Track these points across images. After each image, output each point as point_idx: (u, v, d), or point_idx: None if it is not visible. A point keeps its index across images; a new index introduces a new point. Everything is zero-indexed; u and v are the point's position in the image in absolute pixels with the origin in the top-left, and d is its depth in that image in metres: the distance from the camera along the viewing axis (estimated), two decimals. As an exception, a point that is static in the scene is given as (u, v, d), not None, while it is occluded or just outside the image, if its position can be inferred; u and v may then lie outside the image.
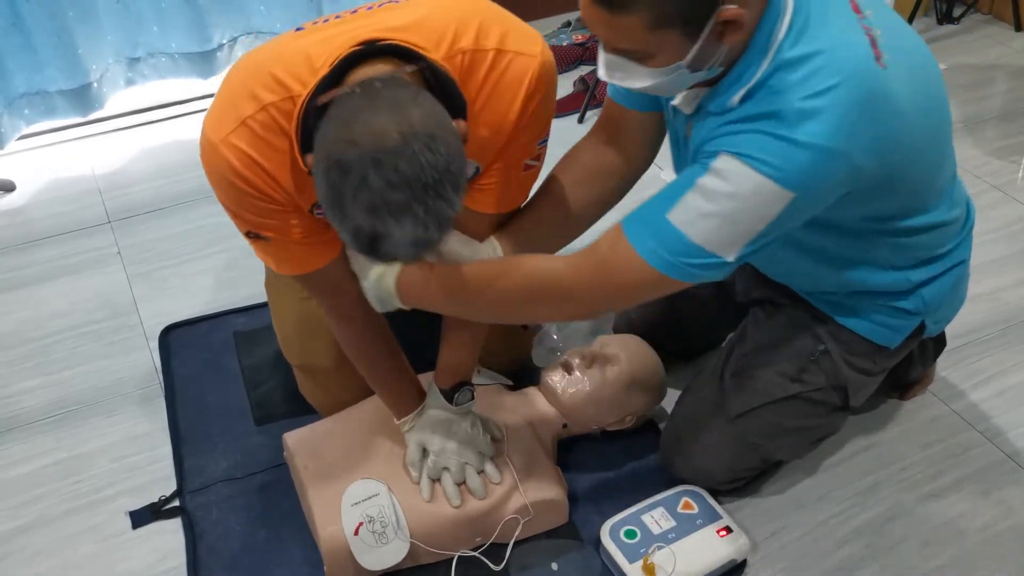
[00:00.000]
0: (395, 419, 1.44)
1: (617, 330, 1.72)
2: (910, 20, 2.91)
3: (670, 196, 1.11)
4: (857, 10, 1.10)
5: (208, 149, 1.15)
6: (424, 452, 1.39)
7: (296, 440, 1.48)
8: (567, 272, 1.17)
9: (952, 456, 1.57)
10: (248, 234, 1.23)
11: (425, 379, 1.47)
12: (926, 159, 1.19)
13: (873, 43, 1.07)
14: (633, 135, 1.37)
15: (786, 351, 1.40)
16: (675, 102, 1.21)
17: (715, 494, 1.46)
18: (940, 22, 3.02)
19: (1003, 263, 1.99)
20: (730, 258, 1.09)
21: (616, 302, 1.21)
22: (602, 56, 1.12)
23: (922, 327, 1.38)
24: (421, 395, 1.44)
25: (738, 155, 1.05)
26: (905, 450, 1.58)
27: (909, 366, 1.59)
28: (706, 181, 1.08)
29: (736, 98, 1.09)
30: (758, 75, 1.07)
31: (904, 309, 1.34)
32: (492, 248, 1.31)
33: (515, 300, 1.21)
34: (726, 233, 1.08)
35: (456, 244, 1.28)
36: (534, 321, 1.31)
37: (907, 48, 1.15)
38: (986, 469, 1.54)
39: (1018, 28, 2.97)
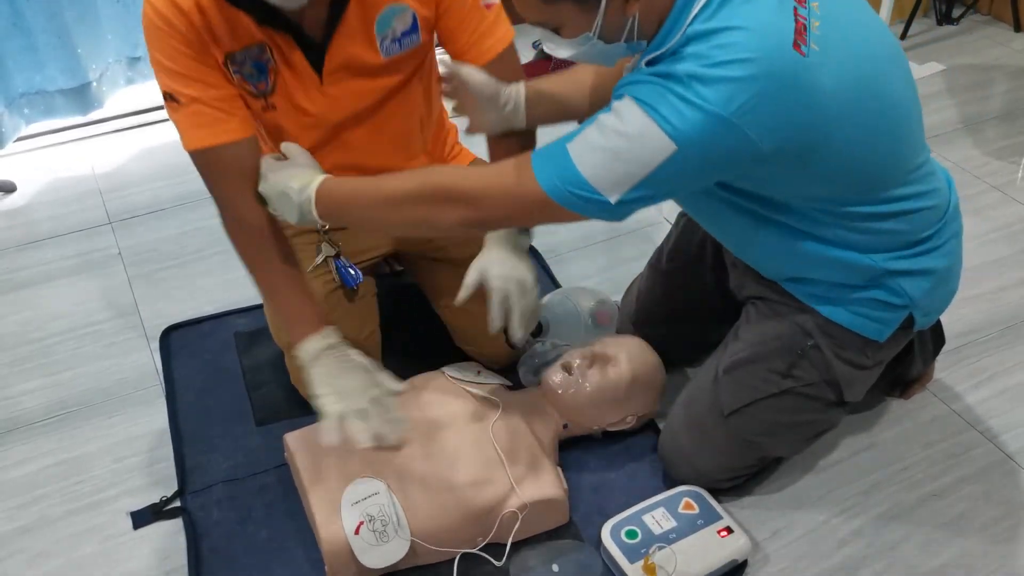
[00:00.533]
0: (292, 341, 1.39)
1: (620, 331, 1.73)
2: (909, 21, 2.91)
3: (577, 130, 1.17)
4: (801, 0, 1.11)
5: (144, 9, 1.26)
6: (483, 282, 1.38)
7: (297, 440, 1.48)
8: (473, 180, 1.25)
9: (952, 456, 1.57)
10: (166, 96, 1.30)
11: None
12: (858, 149, 1.19)
13: (800, 31, 1.09)
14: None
15: (776, 347, 1.40)
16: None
17: (715, 493, 1.46)
18: (940, 23, 3.02)
19: (1003, 263, 1.99)
20: (612, 199, 1.13)
21: (510, 216, 1.25)
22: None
23: (911, 320, 1.38)
24: (320, 319, 1.40)
25: (636, 99, 1.10)
26: (905, 450, 1.58)
27: (910, 364, 1.59)
28: (605, 118, 1.13)
29: (643, 63, 1.16)
30: (670, 45, 1.12)
31: (887, 301, 1.34)
32: (516, 90, 1.37)
33: (422, 202, 1.25)
34: (610, 171, 1.12)
35: (480, 77, 1.34)
36: (442, 230, 1.34)
37: (853, 42, 1.16)
38: (987, 469, 1.55)
39: (1017, 29, 2.97)
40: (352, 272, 1.58)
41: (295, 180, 1.30)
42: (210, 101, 1.30)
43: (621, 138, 1.11)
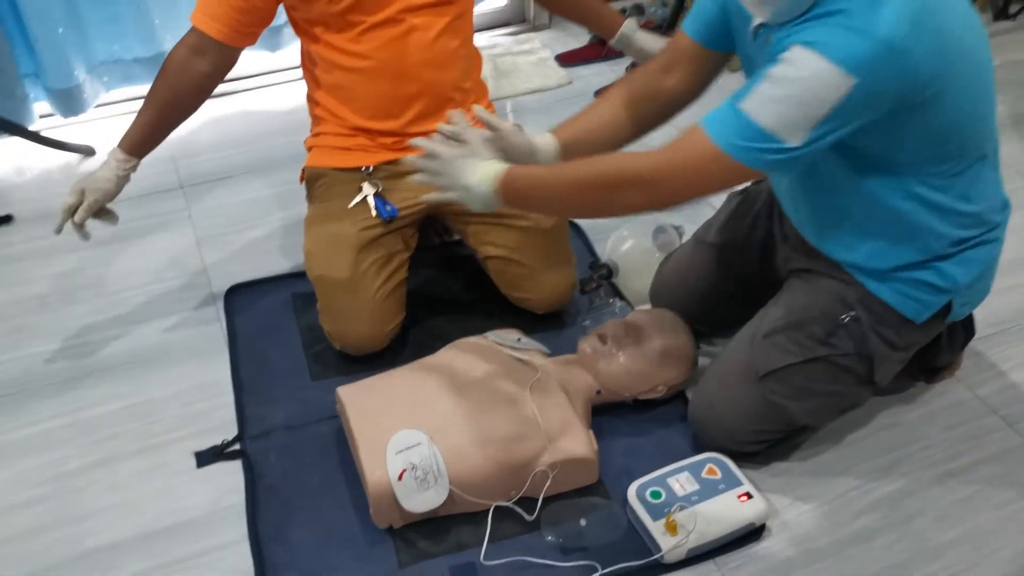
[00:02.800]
0: (119, 148, 1.72)
1: (657, 298, 1.82)
2: (965, 14, 2.91)
3: (744, 89, 1.22)
4: None
5: None
6: None
7: (348, 393, 1.60)
8: (649, 161, 1.28)
9: (972, 438, 1.62)
10: None
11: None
12: (967, 104, 1.26)
13: None
14: (690, 67, 1.50)
15: (817, 315, 1.48)
16: (763, 19, 1.28)
17: (741, 458, 1.54)
18: (996, 18, 3.02)
19: (1039, 257, 2.02)
20: (795, 142, 1.18)
21: (694, 189, 1.30)
22: None
23: (948, 307, 1.45)
24: (140, 150, 1.74)
25: (806, 43, 1.15)
26: (927, 431, 1.64)
27: (937, 352, 1.65)
28: (776, 70, 1.18)
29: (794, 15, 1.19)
30: None
31: (932, 284, 1.41)
32: (549, 145, 1.48)
33: (603, 188, 1.31)
34: (792, 116, 1.17)
35: (518, 136, 1.46)
36: (622, 211, 1.44)
37: (960, 6, 1.24)
38: (1004, 453, 1.60)
39: (1076, 25, 2.96)
40: (388, 207, 1.73)
41: (473, 175, 1.37)
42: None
43: (798, 84, 1.16)
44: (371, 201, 1.74)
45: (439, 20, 1.69)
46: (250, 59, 2.73)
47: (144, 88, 2.61)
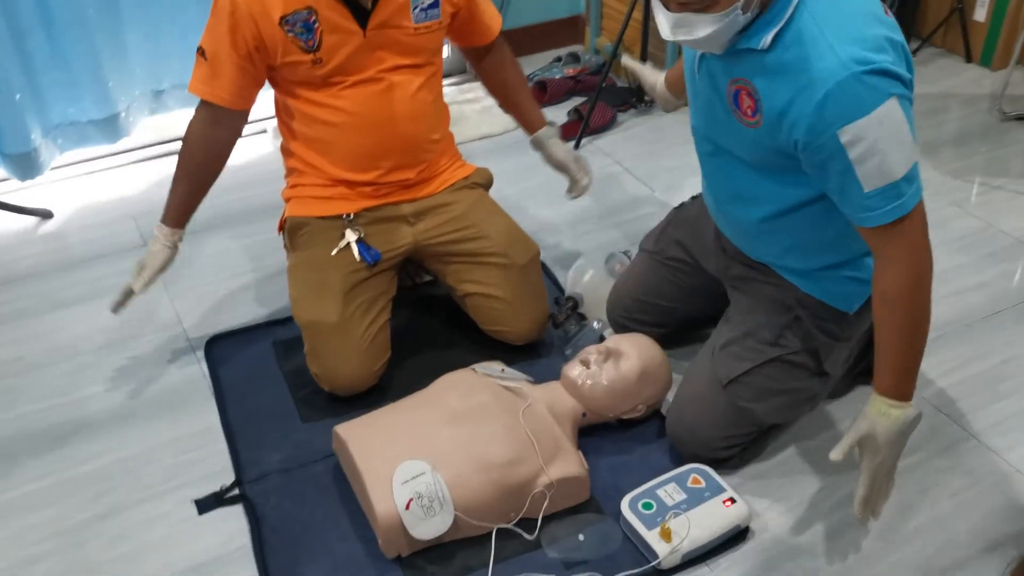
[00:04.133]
0: (163, 223, 1.86)
1: (615, 317, 1.98)
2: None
3: (849, 184, 1.32)
4: None
5: None
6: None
7: (347, 430, 1.66)
8: (903, 269, 1.38)
9: (923, 436, 1.78)
10: (199, 50, 1.73)
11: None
12: None
13: None
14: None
15: (763, 322, 1.64)
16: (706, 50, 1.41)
17: (715, 464, 1.66)
18: (898, 55, 3.28)
19: (961, 270, 2.23)
20: (915, 159, 1.32)
21: (927, 251, 1.38)
22: (666, 18, 1.32)
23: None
24: (183, 221, 1.88)
25: (844, 123, 1.27)
26: (882, 431, 1.79)
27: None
28: (855, 155, 1.28)
29: (768, 38, 1.31)
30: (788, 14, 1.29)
31: (856, 277, 1.59)
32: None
33: (924, 319, 1.44)
34: (900, 155, 1.29)
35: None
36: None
37: None
38: (953, 446, 1.76)
39: (968, 60, 3.25)
40: (372, 252, 1.82)
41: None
42: (231, 65, 1.72)
43: (878, 142, 1.27)
44: (355, 247, 1.82)
45: (416, 78, 1.81)
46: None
47: (99, 149, 2.67)
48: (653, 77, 1.99)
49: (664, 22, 1.34)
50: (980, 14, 3.19)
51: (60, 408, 1.88)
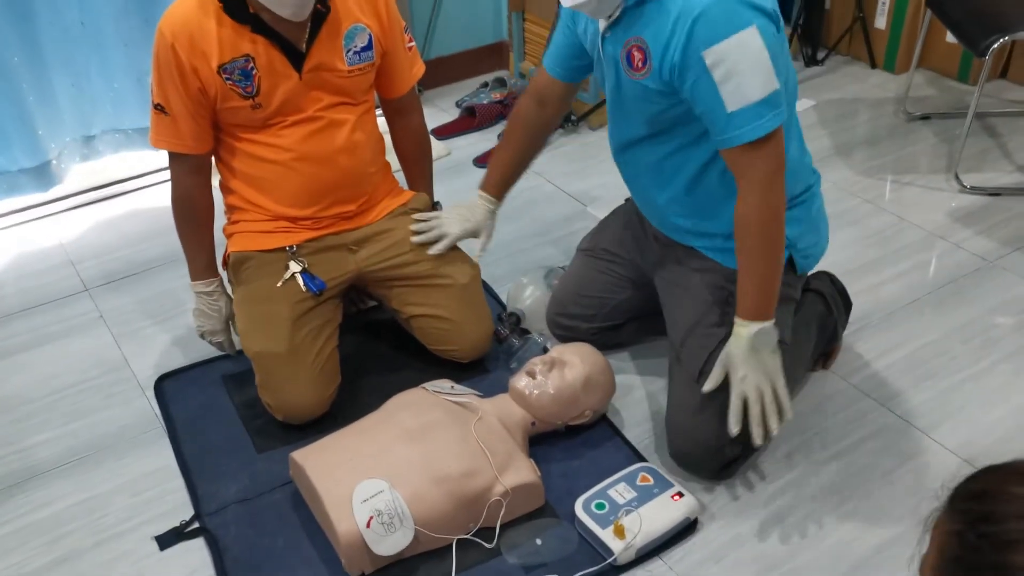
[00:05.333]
0: (196, 280, 1.95)
1: (554, 319, 2.06)
2: (783, 64, 3.33)
3: (715, 105, 1.48)
4: None
5: (157, 30, 1.71)
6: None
7: (303, 455, 1.69)
8: (756, 200, 1.54)
9: (853, 421, 1.88)
10: (156, 107, 1.77)
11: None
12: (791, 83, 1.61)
13: None
14: (555, 100, 1.91)
15: (704, 308, 1.74)
16: (601, 27, 1.62)
17: (729, 468, 1.73)
18: (807, 64, 3.45)
19: (879, 262, 2.35)
20: (776, 86, 1.47)
21: (778, 181, 1.55)
22: None
23: (792, 261, 1.75)
24: (212, 271, 1.96)
25: (708, 44, 1.44)
26: (816, 420, 1.88)
27: (835, 331, 1.96)
28: (718, 75, 1.45)
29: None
30: None
31: None
32: (491, 211, 2.00)
33: (777, 245, 1.60)
34: (759, 80, 1.46)
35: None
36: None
37: None
38: (882, 429, 1.86)
39: (873, 66, 3.42)
40: (316, 282, 1.87)
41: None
42: (187, 116, 1.77)
43: (740, 62, 1.43)
44: (299, 278, 1.86)
45: (351, 115, 1.87)
46: (129, 159, 2.79)
47: (31, 198, 2.65)
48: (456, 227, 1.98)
49: None
50: (880, 22, 3.37)
51: (9, 458, 1.87)
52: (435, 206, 2.12)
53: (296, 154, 1.82)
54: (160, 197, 2.75)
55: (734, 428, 1.59)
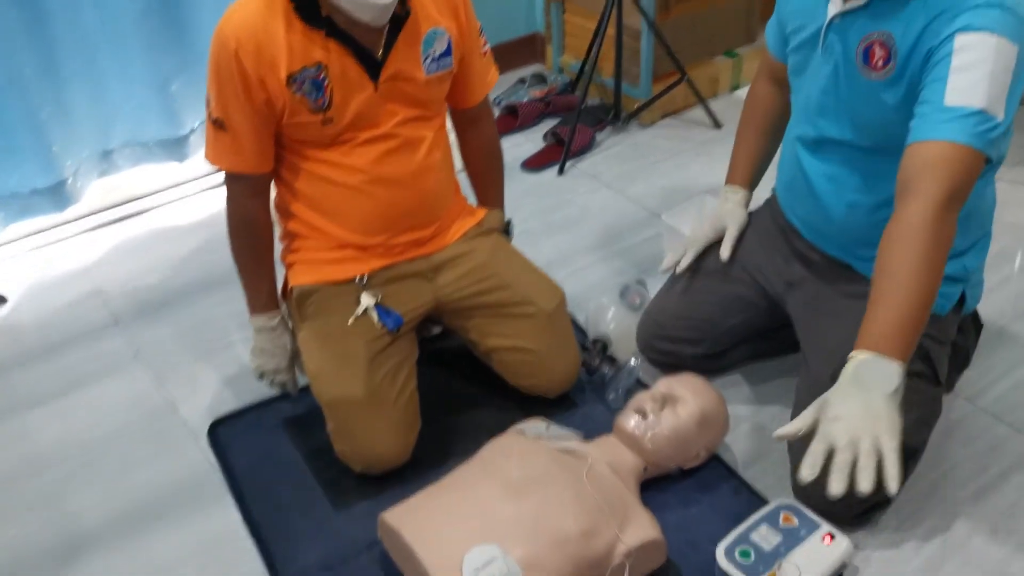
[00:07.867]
0: (256, 314, 1.73)
1: (647, 340, 1.87)
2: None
3: (935, 92, 1.32)
4: None
5: (215, 35, 1.49)
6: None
7: (396, 517, 1.49)
8: (922, 206, 1.32)
9: (992, 450, 1.70)
10: (215, 122, 1.55)
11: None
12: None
13: None
14: (787, 81, 1.67)
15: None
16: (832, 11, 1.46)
17: (864, 516, 1.55)
18: None
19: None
20: (1001, 114, 1.30)
21: (961, 194, 1.34)
22: None
23: (963, 298, 1.60)
24: (275, 304, 1.73)
25: (967, 29, 1.29)
26: (949, 450, 1.70)
27: (968, 355, 1.79)
28: (958, 62, 1.30)
29: None
30: None
31: (951, 276, 1.52)
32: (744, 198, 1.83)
33: (938, 263, 1.35)
34: (993, 91, 1.29)
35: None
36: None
37: None
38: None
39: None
40: (392, 316, 1.67)
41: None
42: (249, 132, 1.55)
43: (981, 64, 1.28)
44: (373, 313, 1.65)
45: (428, 131, 1.66)
46: (148, 172, 2.57)
47: (45, 220, 2.42)
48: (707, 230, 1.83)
49: None
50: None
51: (51, 525, 1.65)
52: (507, 226, 1.91)
53: (369, 176, 1.61)
54: (186, 214, 2.53)
55: (806, 476, 1.26)
